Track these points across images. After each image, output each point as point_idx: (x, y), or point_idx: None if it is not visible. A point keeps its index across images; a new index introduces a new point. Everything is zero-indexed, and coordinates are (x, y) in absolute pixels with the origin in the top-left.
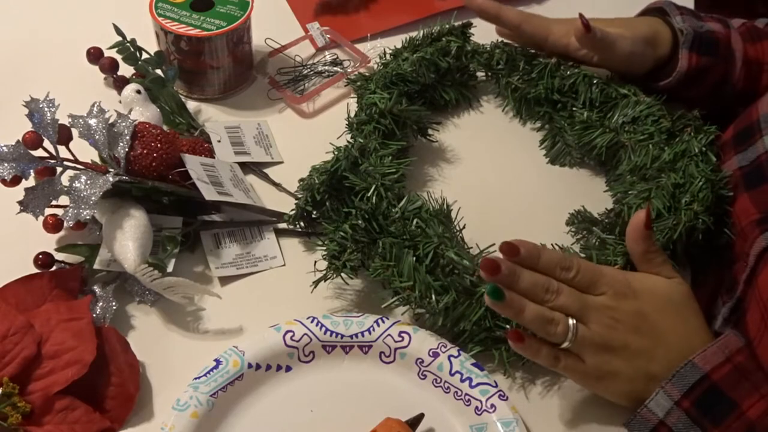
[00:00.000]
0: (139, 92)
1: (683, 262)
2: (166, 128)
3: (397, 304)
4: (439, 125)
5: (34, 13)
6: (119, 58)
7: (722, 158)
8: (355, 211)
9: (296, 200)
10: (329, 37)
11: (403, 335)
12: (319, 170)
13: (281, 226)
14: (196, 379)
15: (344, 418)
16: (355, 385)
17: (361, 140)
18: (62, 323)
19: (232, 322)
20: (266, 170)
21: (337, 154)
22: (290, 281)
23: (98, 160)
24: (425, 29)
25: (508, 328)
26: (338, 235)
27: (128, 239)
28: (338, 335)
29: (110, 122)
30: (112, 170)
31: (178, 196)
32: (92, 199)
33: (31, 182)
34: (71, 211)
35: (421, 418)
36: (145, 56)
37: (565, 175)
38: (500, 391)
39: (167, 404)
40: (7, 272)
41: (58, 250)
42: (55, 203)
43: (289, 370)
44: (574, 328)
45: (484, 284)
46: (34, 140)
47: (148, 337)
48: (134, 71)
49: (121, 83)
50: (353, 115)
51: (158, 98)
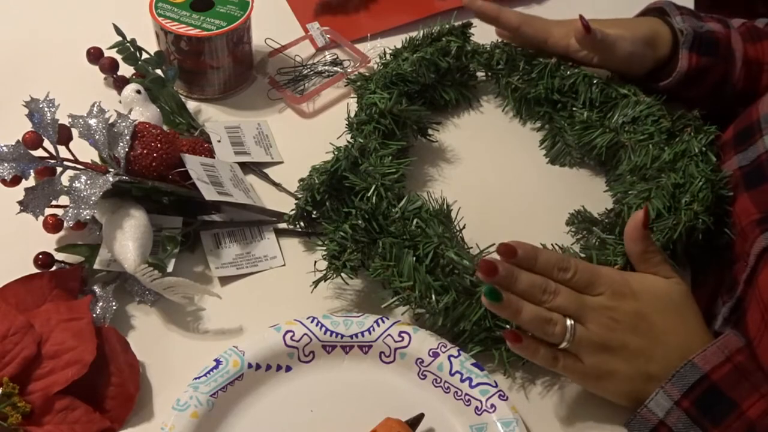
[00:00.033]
0: (139, 92)
1: (683, 262)
2: (166, 128)
3: (397, 304)
4: (439, 125)
5: (34, 13)
6: (119, 58)
7: (722, 158)
8: (355, 211)
9: (296, 200)
10: (329, 37)
11: (403, 335)
12: (319, 170)
13: (281, 226)
14: (196, 379)
15: (344, 418)
16: (355, 385)
17: (361, 140)
18: (62, 323)
19: (232, 322)
20: (266, 170)
21: (337, 154)
22: (290, 281)
23: (98, 160)
24: (425, 29)
25: (507, 328)
26: (338, 235)
27: (128, 239)
28: (338, 335)
29: (110, 122)
30: (112, 170)
31: (178, 196)
32: (92, 199)
33: (31, 182)
34: (71, 211)
35: (421, 418)
36: (145, 56)
37: (565, 175)
38: (500, 391)
39: (167, 404)
40: (7, 272)
41: (58, 250)
42: (55, 203)
43: (289, 370)
44: (572, 328)
45: (483, 284)
46: (34, 140)
47: (148, 337)
48: (134, 71)
49: (121, 83)
50: (353, 115)
51: (158, 98)
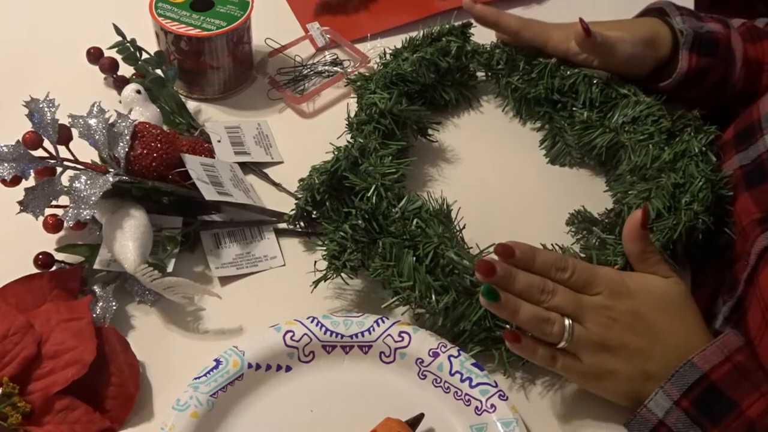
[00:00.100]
0: (139, 92)
1: (683, 262)
2: (166, 128)
3: (397, 304)
4: (439, 125)
5: (34, 13)
6: (119, 58)
7: (723, 157)
8: (355, 211)
9: (296, 200)
10: (329, 37)
11: (403, 335)
12: (319, 170)
13: (281, 226)
14: (196, 379)
15: (344, 418)
16: (355, 385)
17: (361, 140)
18: (62, 323)
19: (232, 322)
20: (266, 170)
21: (337, 154)
22: (290, 281)
23: (98, 160)
24: (425, 29)
25: (507, 328)
26: (338, 235)
27: (128, 239)
28: (338, 335)
29: (110, 122)
30: (112, 170)
31: (178, 196)
32: (92, 199)
33: (31, 182)
34: (71, 211)
35: (421, 418)
36: (145, 56)
37: (565, 175)
38: (500, 391)
39: (167, 404)
40: (7, 272)
41: (58, 250)
42: (55, 203)
43: (289, 370)
44: (570, 327)
45: (483, 285)
46: (34, 140)
47: (148, 337)
48: (134, 71)
49: (121, 83)
50: (353, 115)
51: (158, 98)
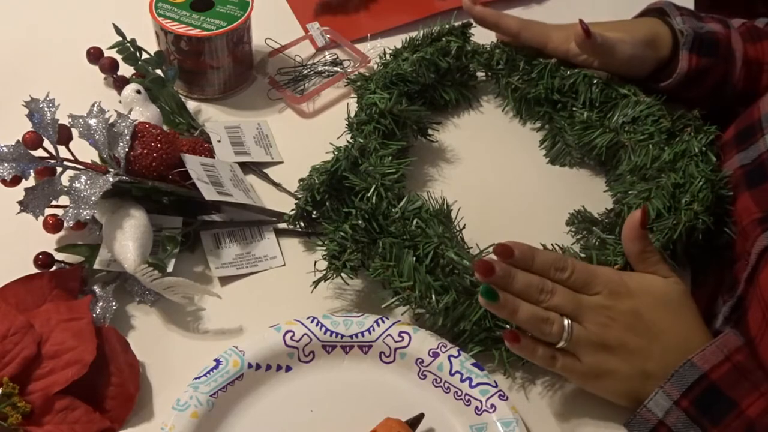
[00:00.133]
0: (139, 92)
1: (683, 262)
2: (166, 128)
3: (397, 304)
4: (439, 125)
5: (33, 13)
6: (119, 58)
7: (723, 157)
8: (355, 211)
9: (296, 200)
10: (329, 37)
11: (403, 335)
12: (319, 170)
13: (281, 226)
14: (196, 379)
15: (344, 418)
16: (355, 385)
17: (361, 140)
18: (62, 323)
19: (232, 322)
20: (266, 170)
21: (337, 154)
22: (290, 281)
23: (98, 160)
24: (425, 29)
25: (508, 328)
26: (338, 235)
27: (128, 239)
28: (338, 335)
29: (110, 122)
30: (112, 170)
31: (178, 196)
32: (92, 199)
33: (31, 182)
34: (71, 211)
35: (421, 418)
36: (145, 56)
37: (565, 175)
38: (500, 391)
39: (167, 404)
40: (7, 272)
41: (58, 250)
42: (55, 203)
43: (289, 370)
44: (569, 327)
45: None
46: (34, 140)
47: (148, 337)
48: (134, 71)
49: (121, 83)
50: (353, 115)
51: (158, 98)
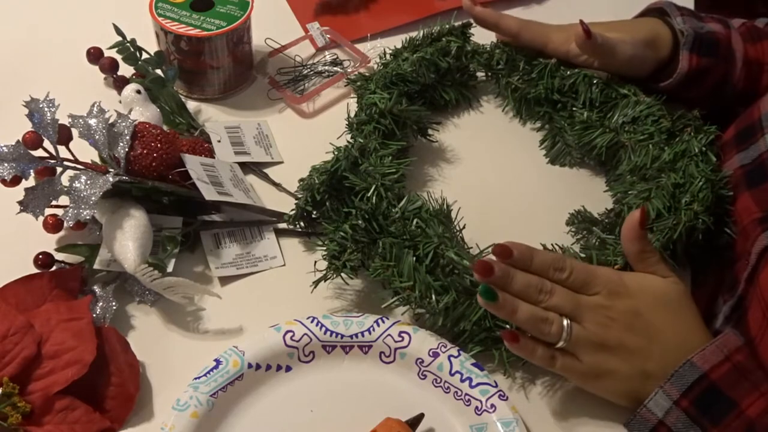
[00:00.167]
0: (139, 92)
1: (683, 262)
2: (166, 128)
3: (397, 304)
4: (439, 125)
5: (33, 13)
6: (119, 58)
7: (723, 157)
8: (355, 211)
9: (296, 200)
10: (329, 37)
11: (403, 335)
12: (319, 170)
13: (281, 226)
14: (196, 379)
15: (344, 418)
16: (355, 385)
17: (361, 140)
18: (62, 323)
19: (232, 322)
20: (266, 170)
21: (337, 154)
22: (290, 281)
23: (98, 160)
24: (425, 29)
25: (508, 328)
26: (338, 235)
27: (128, 239)
28: (338, 335)
29: (110, 122)
30: (112, 170)
31: (178, 196)
32: (92, 199)
33: (31, 182)
34: (71, 211)
35: (421, 418)
36: (145, 56)
37: (565, 175)
38: (500, 391)
39: (167, 404)
40: (7, 272)
41: (58, 250)
42: (55, 203)
43: (289, 370)
44: (568, 327)
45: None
46: (34, 140)
47: (148, 337)
48: (134, 71)
49: (121, 83)
50: (353, 115)
51: (158, 98)
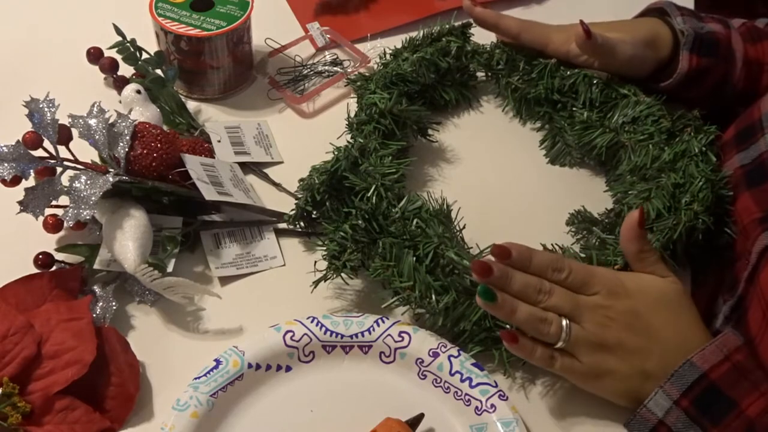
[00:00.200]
0: (139, 92)
1: (683, 262)
2: (166, 128)
3: (397, 304)
4: (439, 125)
5: (33, 13)
6: (119, 58)
7: (724, 157)
8: (355, 211)
9: (296, 200)
10: (329, 37)
11: (403, 335)
12: (319, 170)
13: (281, 226)
14: (196, 379)
15: (344, 418)
16: (355, 385)
17: (361, 140)
18: (62, 323)
19: (232, 322)
20: (266, 170)
21: (337, 154)
22: (290, 281)
23: (98, 160)
24: (425, 29)
25: (508, 328)
26: (338, 235)
27: (128, 239)
28: (338, 335)
29: (110, 122)
30: (112, 170)
31: (178, 196)
32: (92, 199)
33: (31, 182)
34: (71, 211)
35: (421, 418)
36: (145, 56)
37: (565, 175)
38: (500, 391)
39: (167, 404)
40: (7, 272)
41: (58, 250)
42: (55, 203)
43: (289, 370)
44: (567, 327)
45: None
46: (34, 140)
47: (148, 337)
48: (134, 71)
49: (121, 83)
50: (353, 115)
51: (158, 98)
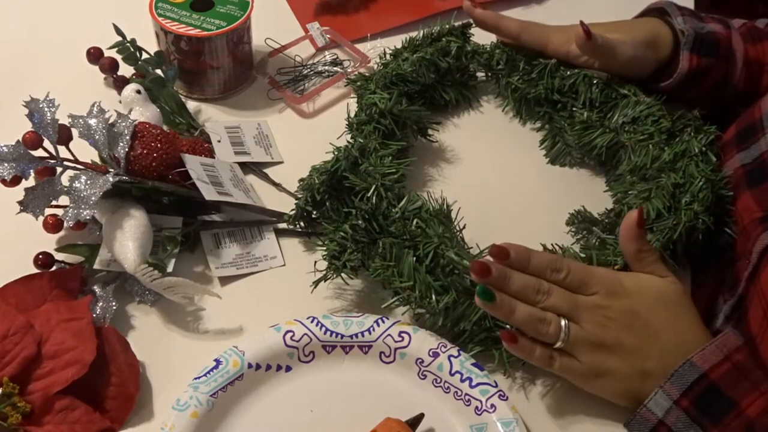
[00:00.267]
0: (139, 92)
1: (683, 262)
2: (166, 128)
3: (397, 304)
4: (439, 125)
5: (33, 13)
6: (119, 58)
7: (724, 157)
8: (355, 211)
9: (296, 200)
10: (329, 37)
11: (403, 335)
12: (319, 170)
13: (281, 226)
14: (196, 379)
15: (344, 418)
16: (355, 385)
17: (361, 140)
18: (62, 323)
19: (232, 322)
20: (266, 170)
21: (337, 154)
22: (290, 281)
23: (98, 160)
24: (425, 29)
25: (508, 328)
26: (338, 235)
27: (128, 239)
28: (338, 335)
29: (110, 122)
30: (112, 170)
31: (178, 196)
32: (92, 199)
33: (31, 182)
34: (71, 211)
35: (421, 418)
36: (145, 56)
37: (565, 175)
38: (500, 391)
39: (167, 404)
40: (7, 272)
41: (58, 250)
42: (55, 203)
43: (289, 370)
44: (566, 327)
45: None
46: (34, 140)
47: (148, 337)
48: (134, 71)
49: (121, 83)
50: (353, 115)
51: (158, 98)
